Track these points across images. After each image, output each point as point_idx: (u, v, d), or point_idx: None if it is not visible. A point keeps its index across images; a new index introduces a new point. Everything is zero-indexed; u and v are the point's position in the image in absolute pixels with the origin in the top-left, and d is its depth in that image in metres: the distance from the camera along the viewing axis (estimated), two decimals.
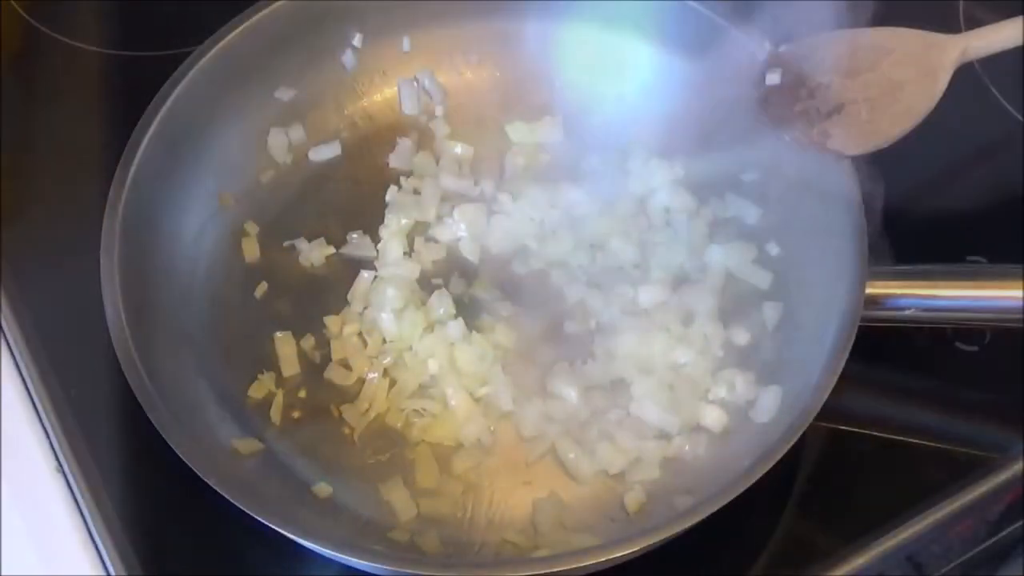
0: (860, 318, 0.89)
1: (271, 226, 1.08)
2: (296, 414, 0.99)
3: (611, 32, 1.12)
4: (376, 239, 1.08)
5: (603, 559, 0.80)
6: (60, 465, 0.96)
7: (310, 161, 1.13)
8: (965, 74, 0.99)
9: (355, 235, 1.09)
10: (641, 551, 0.83)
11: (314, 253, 1.07)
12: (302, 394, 1.00)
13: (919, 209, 1.15)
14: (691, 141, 1.10)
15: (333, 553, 0.83)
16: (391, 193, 1.11)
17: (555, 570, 0.80)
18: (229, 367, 1.00)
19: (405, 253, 1.08)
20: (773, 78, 1.02)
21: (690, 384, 0.98)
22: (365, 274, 1.05)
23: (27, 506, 0.95)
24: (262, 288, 1.05)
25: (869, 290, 0.91)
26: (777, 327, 1.00)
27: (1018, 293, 0.91)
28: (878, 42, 1.01)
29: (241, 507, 0.81)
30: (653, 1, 1.09)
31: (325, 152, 1.13)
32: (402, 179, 1.12)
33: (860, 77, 1.00)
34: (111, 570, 0.91)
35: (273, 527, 0.82)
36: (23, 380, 1.01)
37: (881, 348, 0.98)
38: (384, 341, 1.02)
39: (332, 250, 1.08)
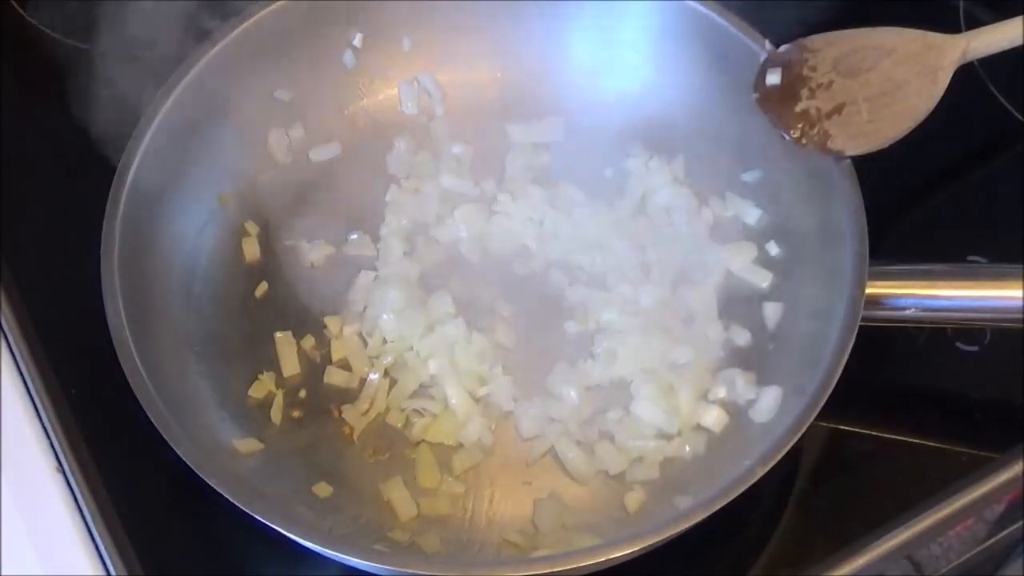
0: (860, 318, 0.89)
1: (271, 226, 1.08)
2: (296, 414, 0.99)
3: (611, 32, 1.12)
4: (376, 239, 1.08)
5: (603, 559, 0.80)
6: (60, 465, 0.96)
7: (310, 161, 1.13)
8: (965, 74, 0.99)
9: (355, 235, 1.09)
10: (641, 551, 0.83)
11: (314, 253, 1.07)
12: (302, 394, 1.00)
13: (919, 209, 1.15)
14: (691, 141, 1.10)
15: (333, 553, 0.83)
16: (391, 193, 1.11)
17: (555, 570, 0.80)
18: (229, 367, 1.00)
19: (405, 253, 1.08)
20: (773, 78, 1.02)
21: (690, 384, 0.98)
22: (365, 274, 1.05)
23: (27, 506, 0.95)
24: (262, 288, 1.05)
25: (869, 290, 0.90)
26: (777, 327, 1.01)
27: (1018, 293, 0.91)
28: (878, 42, 1.00)
29: (241, 507, 0.81)
30: (653, 1, 1.09)
31: (325, 152, 1.13)
32: (402, 179, 1.12)
33: (860, 77, 1.00)
34: (111, 570, 0.91)
35: (273, 527, 0.82)
36: (23, 380, 1.01)
37: (881, 348, 0.98)
38: (384, 341, 1.02)
39: (332, 250, 1.08)
